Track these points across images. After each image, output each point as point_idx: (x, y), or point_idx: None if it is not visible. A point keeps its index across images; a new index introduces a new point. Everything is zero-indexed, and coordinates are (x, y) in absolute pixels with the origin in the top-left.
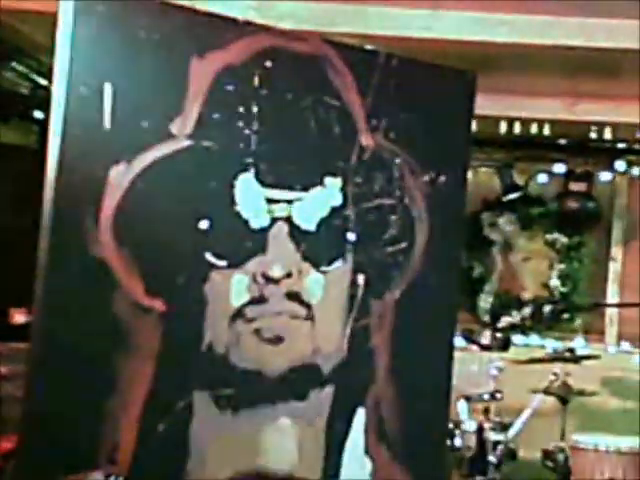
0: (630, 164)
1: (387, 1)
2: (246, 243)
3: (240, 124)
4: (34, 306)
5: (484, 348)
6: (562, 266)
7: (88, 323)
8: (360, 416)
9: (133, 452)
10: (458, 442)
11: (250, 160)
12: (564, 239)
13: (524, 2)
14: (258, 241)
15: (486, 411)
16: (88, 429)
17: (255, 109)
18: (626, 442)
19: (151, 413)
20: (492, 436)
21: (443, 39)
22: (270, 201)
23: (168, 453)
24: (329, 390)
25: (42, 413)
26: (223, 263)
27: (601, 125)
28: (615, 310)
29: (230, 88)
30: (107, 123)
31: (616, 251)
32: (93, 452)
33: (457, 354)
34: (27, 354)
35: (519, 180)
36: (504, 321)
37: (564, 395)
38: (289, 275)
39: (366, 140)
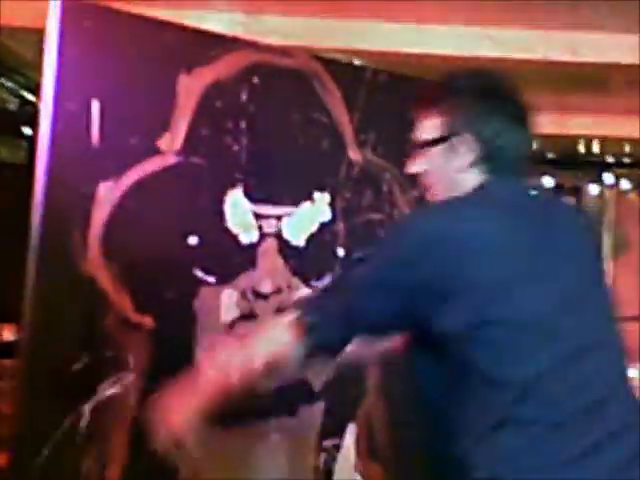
0: (618, 178)
1: (373, 16)
2: (235, 259)
3: (228, 140)
4: (21, 323)
5: None
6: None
7: (76, 340)
8: (351, 431)
9: (123, 468)
10: None
11: (239, 176)
12: None
13: (510, 16)
14: (247, 257)
15: None
16: (78, 446)
17: (243, 125)
18: None
19: (141, 430)
20: None
21: (429, 54)
22: (259, 217)
23: (158, 469)
24: (320, 405)
25: (31, 430)
26: (212, 279)
27: (589, 139)
28: None
29: (218, 104)
30: (95, 139)
31: (606, 265)
32: (83, 468)
33: None
34: (15, 371)
35: None
36: None
37: None
38: (279, 290)
39: (354, 155)
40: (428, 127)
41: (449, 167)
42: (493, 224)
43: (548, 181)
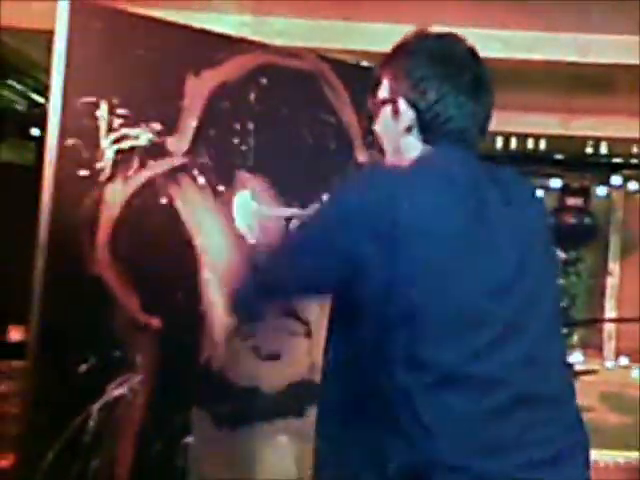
0: (626, 179)
1: (381, 18)
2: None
3: (236, 141)
4: (29, 323)
5: None
6: (560, 281)
7: (84, 341)
8: None
9: (130, 469)
10: None
11: (247, 177)
12: (561, 254)
13: (517, 17)
14: None
15: None
16: (85, 447)
17: (251, 126)
18: (625, 457)
19: (148, 430)
20: None
21: None
22: (267, 218)
23: (165, 470)
24: None
25: (38, 431)
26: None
27: (597, 140)
28: (613, 325)
29: (226, 105)
30: (103, 141)
31: (613, 266)
32: (91, 468)
33: None
34: (23, 372)
35: None
36: None
37: None
38: None
39: (362, 156)
40: (382, 88)
41: (392, 130)
42: (428, 202)
43: (555, 182)
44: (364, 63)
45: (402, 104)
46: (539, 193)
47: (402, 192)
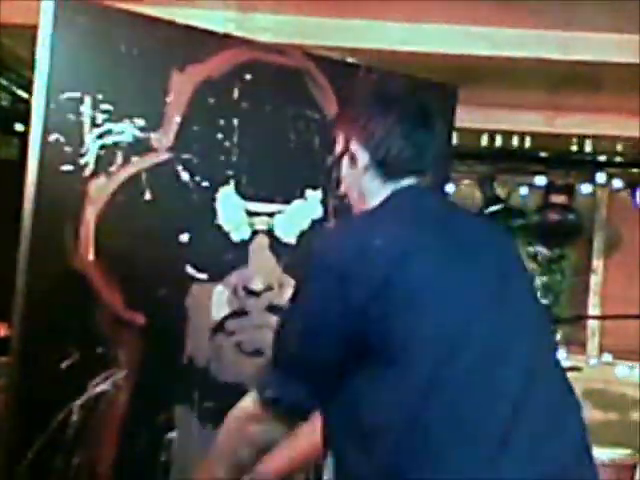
0: (611, 177)
1: (367, 14)
2: (227, 256)
3: (220, 137)
4: (13, 320)
5: None
6: (543, 278)
7: (67, 337)
8: None
9: (113, 465)
10: None
11: (231, 173)
12: (545, 251)
13: (504, 15)
14: (239, 254)
15: None
16: (68, 442)
17: (235, 122)
18: (608, 454)
19: (131, 427)
20: None
21: (423, 52)
22: (251, 214)
23: (149, 466)
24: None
25: (21, 426)
26: (204, 276)
27: (582, 138)
28: (596, 322)
29: (210, 101)
30: (86, 136)
31: (597, 263)
32: (73, 464)
33: None
34: (6, 368)
35: (500, 193)
36: None
37: None
38: (270, 288)
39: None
40: (338, 143)
41: (353, 177)
42: (402, 238)
43: (540, 180)
44: (349, 60)
45: (355, 148)
46: (524, 191)
47: (374, 240)
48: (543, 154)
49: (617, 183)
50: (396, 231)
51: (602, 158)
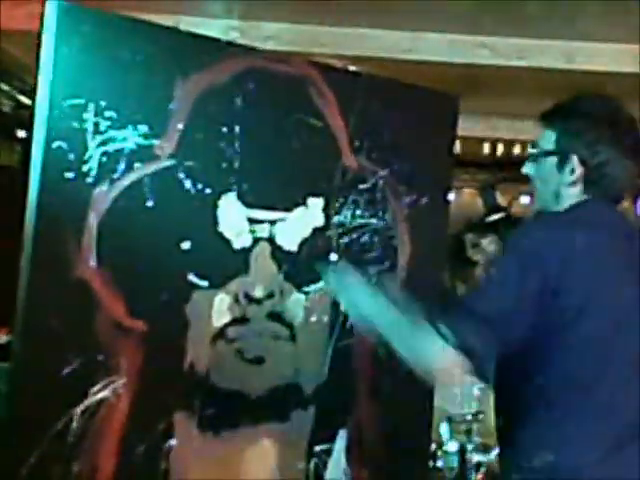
0: None
1: (371, 23)
2: (228, 263)
3: (223, 144)
4: (14, 326)
5: None
6: None
7: (68, 343)
8: (342, 437)
9: (113, 473)
10: (440, 463)
11: (233, 180)
12: None
13: (506, 25)
14: (240, 261)
15: (468, 432)
16: (67, 449)
17: (238, 130)
18: None
19: (131, 434)
20: (475, 457)
21: (426, 61)
22: (252, 221)
23: (148, 474)
24: (311, 411)
25: (21, 433)
26: (205, 283)
27: None
28: None
29: (213, 109)
30: (89, 143)
31: None
32: (73, 471)
33: None
34: (7, 374)
35: (502, 201)
36: None
37: None
38: (271, 295)
39: (349, 161)
40: (546, 137)
41: (554, 179)
42: (593, 240)
43: None
44: (352, 68)
45: (575, 161)
46: (525, 199)
47: (577, 232)
48: None
49: None
50: (591, 236)
51: None
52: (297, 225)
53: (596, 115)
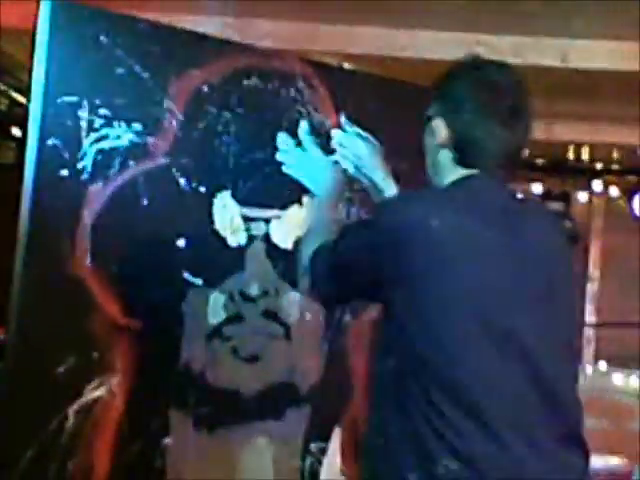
0: (607, 184)
1: (365, 21)
2: (223, 261)
3: (217, 142)
4: (8, 324)
5: None
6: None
7: (62, 342)
8: (336, 436)
9: (108, 471)
10: None
11: (227, 178)
12: None
13: (501, 23)
14: (235, 259)
15: None
16: (62, 448)
17: (233, 127)
18: (603, 463)
19: (126, 432)
20: None
21: (421, 59)
22: (247, 219)
23: (143, 473)
24: (306, 409)
25: (15, 432)
26: (200, 281)
27: (578, 145)
28: (592, 330)
29: (208, 106)
30: (84, 141)
31: (593, 271)
32: (68, 470)
33: None
34: (1, 372)
35: None
36: None
37: None
38: (266, 293)
39: None
40: (430, 108)
41: (429, 145)
42: (457, 223)
43: (536, 188)
44: (347, 66)
45: (440, 123)
46: (514, 196)
47: (433, 213)
48: (539, 161)
49: (614, 191)
50: (455, 219)
51: (599, 166)
52: (292, 223)
53: (466, 77)
